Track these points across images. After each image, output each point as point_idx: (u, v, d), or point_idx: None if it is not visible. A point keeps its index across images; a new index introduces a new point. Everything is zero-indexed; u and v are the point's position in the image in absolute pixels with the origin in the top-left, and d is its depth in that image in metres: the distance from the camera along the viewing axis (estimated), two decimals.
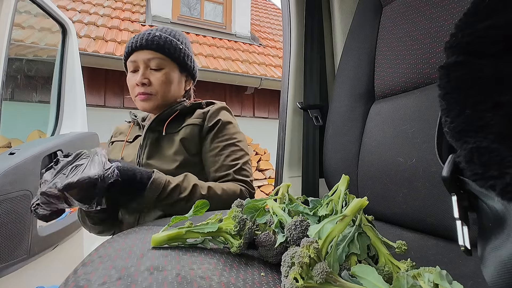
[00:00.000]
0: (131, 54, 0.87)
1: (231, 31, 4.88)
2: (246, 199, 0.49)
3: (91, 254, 0.41)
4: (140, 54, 0.86)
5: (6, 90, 1.10)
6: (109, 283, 0.32)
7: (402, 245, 0.38)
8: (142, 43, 0.86)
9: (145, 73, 0.86)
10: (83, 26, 3.55)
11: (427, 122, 0.57)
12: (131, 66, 0.88)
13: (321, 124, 0.94)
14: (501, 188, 0.21)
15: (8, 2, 1.06)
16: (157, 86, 0.87)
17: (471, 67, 0.25)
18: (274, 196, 0.50)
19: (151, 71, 0.87)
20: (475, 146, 0.23)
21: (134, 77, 0.87)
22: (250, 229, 0.43)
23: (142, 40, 0.86)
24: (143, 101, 0.87)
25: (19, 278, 1.06)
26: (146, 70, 0.86)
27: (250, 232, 0.43)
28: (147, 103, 0.87)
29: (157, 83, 0.86)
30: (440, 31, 0.59)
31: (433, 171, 0.54)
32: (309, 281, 0.29)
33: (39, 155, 1.13)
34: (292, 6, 0.99)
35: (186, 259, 0.39)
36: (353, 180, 0.73)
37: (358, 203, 0.37)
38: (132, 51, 0.87)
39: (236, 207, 0.47)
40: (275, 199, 0.48)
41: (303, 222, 0.39)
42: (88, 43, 3.15)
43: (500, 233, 0.23)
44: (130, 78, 0.89)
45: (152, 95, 0.87)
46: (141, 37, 0.87)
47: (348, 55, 0.82)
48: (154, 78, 0.86)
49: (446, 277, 0.29)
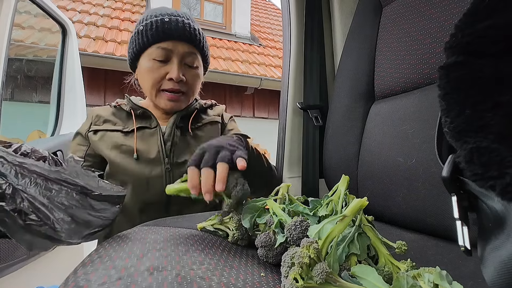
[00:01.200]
0: (163, 40, 0.74)
1: (231, 31, 4.88)
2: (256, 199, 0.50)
3: (91, 254, 0.41)
4: (178, 45, 0.75)
5: (6, 90, 1.10)
6: (109, 283, 0.32)
7: (402, 245, 0.38)
8: (185, 33, 0.75)
9: (181, 68, 0.76)
10: (83, 26, 3.55)
11: (427, 122, 0.57)
12: (161, 54, 0.75)
13: (321, 124, 0.94)
14: (501, 188, 0.21)
15: (8, 3, 1.06)
16: (191, 84, 0.80)
17: (471, 67, 0.25)
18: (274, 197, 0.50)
19: (185, 67, 0.78)
20: (475, 146, 0.23)
21: (164, 68, 0.76)
22: (241, 189, 0.44)
23: (183, 29, 0.74)
24: (172, 101, 0.78)
25: (19, 278, 1.06)
26: (181, 64, 0.77)
27: (240, 190, 0.45)
28: (176, 103, 0.79)
29: (191, 81, 0.79)
30: (440, 32, 0.59)
31: (433, 171, 0.54)
32: (309, 281, 0.29)
33: None
34: (292, 7, 0.99)
35: (186, 259, 0.39)
36: (353, 180, 0.73)
37: (358, 203, 0.37)
38: (166, 37, 0.74)
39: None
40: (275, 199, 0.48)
41: (303, 223, 0.39)
42: (88, 43, 3.16)
43: (500, 233, 0.23)
44: (155, 69, 0.75)
45: (183, 94, 0.79)
46: (180, 25, 0.74)
47: (348, 55, 0.82)
48: (189, 75, 0.78)
49: (446, 278, 0.29)
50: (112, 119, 0.82)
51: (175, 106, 0.80)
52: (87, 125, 0.81)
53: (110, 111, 0.84)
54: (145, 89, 0.82)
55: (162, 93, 0.78)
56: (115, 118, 0.82)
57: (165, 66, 0.76)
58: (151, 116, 0.82)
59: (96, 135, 0.79)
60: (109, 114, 0.83)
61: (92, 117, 0.82)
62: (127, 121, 0.82)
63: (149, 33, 0.74)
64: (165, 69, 0.76)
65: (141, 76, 0.82)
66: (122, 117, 0.83)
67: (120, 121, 0.82)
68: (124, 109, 0.83)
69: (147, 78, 0.78)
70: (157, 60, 0.76)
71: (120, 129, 0.80)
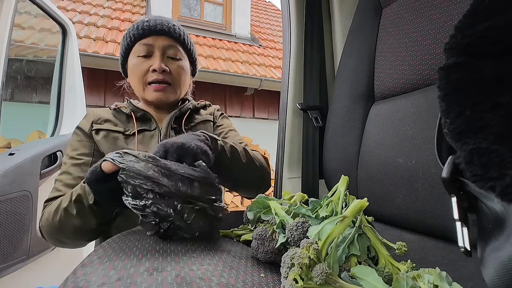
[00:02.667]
0: (145, 37, 0.79)
1: (231, 32, 4.88)
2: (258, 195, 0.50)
3: (91, 255, 0.40)
4: (158, 39, 0.80)
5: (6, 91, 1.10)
6: (108, 284, 0.31)
7: (402, 246, 0.38)
8: (163, 28, 0.79)
9: (163, 59, 0.80)
10: (83, 26, 3.56)
11: (427, 123, 0.57)
12: (144, 49, 0.79)
13: (321, 125, 0.94)
14: (501, 189, 0.21)
15: (9, 3, 1.06)
16: (175, 75, 0.82)
17: (470, 68, 0.25)
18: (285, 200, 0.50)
19: (167, 59, 0.81)
20: (475, 147, 0.23)
21: (147, 62, 0.79)
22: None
23: (161, 25, 0.80)
24: (158, 91, 0.80)
25: (19, 279, 1.05)
26: (163, 57, 0.80)
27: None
28: (163, 93, 0.80)
29: (175, 72, 0.81)
30: (440, 33, 0.59)
31: (433, 172, 0.54)
32: (308, 282, 0.29)
33: (39, 155, 1.13)
34: (292, 7, 0.99)
35: (186, 260, 0.39)
36: (353, 181, 0.73)
37: (358, 204, 0.37)
38: (147, 33, 0.79)
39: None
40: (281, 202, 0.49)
41: (304, 224, 0.39)
42: (88, 44, 3.16)
43: (500, 234, 0.23)
44: (139, 63, 0.80)
45: (169, 85, 0.81)
46: (159, 22, 0.80)
47: (347, 56, 0.82)
48: (172, 67, 0.81)
49: (446, 278, 0.29)
50: (113, 120, 0.82)
51: (163, 97, 0.81)
52: (88, 123, 0.80)
53: (110, 112, 0.85)
54: (134, 87, 0.84)
55: (148, 86, 0.80)
56: (116, 120, 0.83)
57: (148, 60, 0.80)
58: (151, 118, 0.83)
59: (99, 135, 0.79)
60: (109, 115, 0.84)
61: (93, 116, 0.82)
62: (127, 124, 0.83)
63: (132, 33, 0.81)
64: (148, 63, 0.79)
65: (129, 77, 0.85)
66: (122, 119, 0.84)
67: (120, 123, 0.82)
68: (124, 112, 0.84)
69: (133, 75, 0.81)
70: (140, 56, 0.80)
71: (121, 131, 0.80)
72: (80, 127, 0.81)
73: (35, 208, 1.08)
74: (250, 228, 0.53)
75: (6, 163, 1.00)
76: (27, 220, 1.05)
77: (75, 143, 0.79)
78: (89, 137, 0.79)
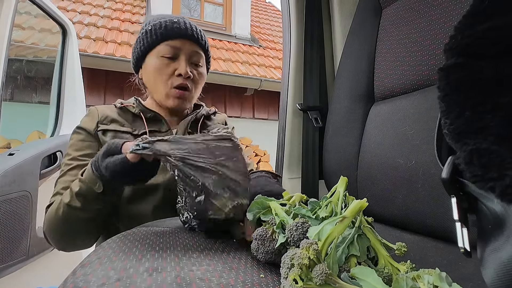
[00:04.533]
0: (172, 38, 0.77)
1: (231, 32, 4.89)
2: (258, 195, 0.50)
3: (90, 255, 0.40)
4: (186, 43, 0.78)
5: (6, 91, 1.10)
6: (108, 284, 0.31)
7: (401, 246, 0.38)
8: (193, 33, 0.79)
9: (189, 65, 0.79)
10: (83, 27, 3.56)
11: (427, 124, 0.57)
12: (169, 51, 0.77)
13: (321, 126, 0.94)
14: (501, 190, 0.21)
15: (9, 3, 1.06)
16: (197, 83, 0.82)
17: (470, 69, 0.25)
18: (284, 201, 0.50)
19: (191, 65, 0.80)
20: (475, 147, 0.23)
21: (172, 65, 0.78)
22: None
23: (191, 30, 0.79)
24: (180, 99, 0.79)
25: (18, 279, 1.05)
26: (188, 62, 0.80)
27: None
28: (183, 101, 0.80)
29: (198, 80, 0.81)
30: (440, 33, 0.59)
31: (433, 172, 0.54)
32: (308, 282, 0.29)
33: (39, 156, 1.13)
34: (292, 8, 0.99)
35: (186, 260, 0.39)
36: (353, 181, 0.73)
37: (358, 204, 0.37)
38: (176, 35, 0.77)
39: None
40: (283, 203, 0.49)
41: (304, 224, 0.39)
42: (88, 44, 3.16)
43: (500, 235, 0.23)
44: (164, 65, 0.77)
45: (190, 92, 0.81)
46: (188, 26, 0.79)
47: (347, 56, 0.82)
48: (195, 73, 0.80)
49: (445, 279, 0.29)
50: (120, 120, 0.79)
51: (182, 104, 0.80)
52: (93, 123, 0.77)
53: (115, 111, 0.81)
54: (153, 87, 0.81)
55: (172, 90, 0.78)
56: (122, 119, 0.79)
57: (173, 63, 0.78)
58: (162, 120, 0.81)
59: (107, 136, 0.75)
60: (115, 114, 0.80)
61: (98, 115, 0.78)
62: (134, 123, 0.79)
63: (159, 32, 0.77)
64: (173, 66, 0.78)
65: (147, 75, 0.81)
66: (128, 118, 0.80)
67: (127, 123, 0.79)
68: (130, 111, 0.81)
69: (155, 75, 0.78)
70: (165, 57, 0.77)
71: (129, 131, 0.77)
72: (83, 126, 0.77)
73: (34, 208, 1.08)
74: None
75: (6, 163, 1.00)
76: (26, 220, 1.05)
77: (78, 143, 0.75)
78: (94, 137, 0.76)
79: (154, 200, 0.74)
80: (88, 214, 0.63)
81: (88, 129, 0.76)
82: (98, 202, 0.61)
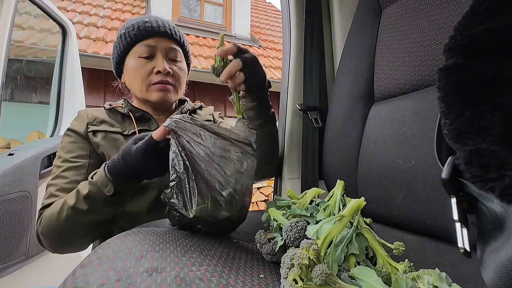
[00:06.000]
0: (146, 38, 0.78)
1: (231, 32, 4.89)
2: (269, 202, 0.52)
3: (90, 255, 0.40)
4: (160, 41, 0.79)
5: (6, 91, 1.10)
6: (107, 284, 0.31)
7: (399, 246, 0.38)
8: (165, 30, 0.79)
9: (166, 61, 0.80)
10: (83, 27, 3.56)
11: (427, 124, 0.57)
12: (145, 50, 0.78)
13: (321, 126, 0.94)
14: (500, 190, 0.21)
15: (9, 3, 1.06)
16: (177, 77, 0.82)
17: (470, 69, 0.25)
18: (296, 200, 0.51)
19: (169, 61, 0.81)
20: (475, 148, 0.23)
21: (149, 63, 0.79)
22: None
23: (164, 26, 0.79)
24: (163, 91, 0.79)
25: (18, 279, 1.05)
26: (166, 59, 0.80)
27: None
28: (167, 94, 0.80)
29: (178, 75, 0.82)
30: (440, 34, 0.59)
31: (433, 173, 0.54)
32: (308, 282, 0.29)
33: (38, 156, 1.13)
34: (292, 8, 0.99)
35: (185, 260, 0.39)
36: (352, 182, 0.73)
37: (356, 203, 0.37)
38: (149, 34, 0.78)
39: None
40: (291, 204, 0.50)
41: (298, 223, 0.39)
42: (88, 44, 3.16)
43: (499, 235, 0.23)
44: (142, 65, 0.79)
45: (173, 86, 0.81)
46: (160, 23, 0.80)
47: (347, 57, 0.82)
48: (175, 69, 0.81)
49: (445, 279, 0.29)
50: (109, 121, 0.80)
51: (167, 97, 0.81)
52: (83, 125, 0.77)
53: (104, 112, 0.82)
54: (135, 88, 0.82)
55: (152, 87, 0.80)
56: (111, 120, 0.80)
57: (151, 61, 0.79)
58: (151, 119, 0.82)
59: (97, 137, 0.76)
60: (105, 115, 0.81)
61: (87, 117, 0.79)
62: (123, 124, 0.80)
63: (132, 33, 0.79)
64: (151, 64, 0.79)
65: (128, 77, 0.83)
66: (118, 119, 0.81)
67: (116, 123, 0.80)
68: (119, 112, 0.82)
69: (135, 76, 0.80)
70: (142, 57, 0.79)
71: (119, 131, 0.78)
72: (73, 129, 0.77)
73: (34, 208, 1.08)
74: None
75: (6, 163, 1.00)
76: (26, 221, 1.05)
77: (68, 145, 0.75)
78: (84, 139, 0.76)
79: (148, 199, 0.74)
80: (93, 217, 0.63)
81: (78, 131, 0.76)
82: (105, 205, 0.61)
